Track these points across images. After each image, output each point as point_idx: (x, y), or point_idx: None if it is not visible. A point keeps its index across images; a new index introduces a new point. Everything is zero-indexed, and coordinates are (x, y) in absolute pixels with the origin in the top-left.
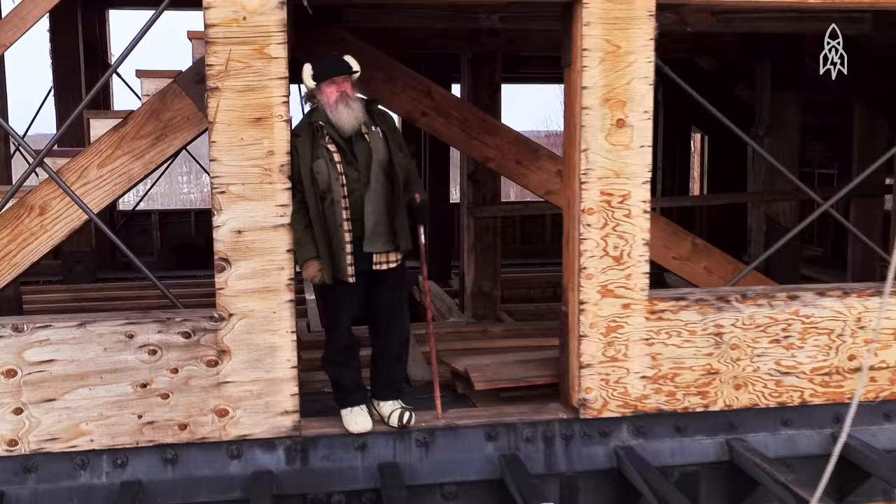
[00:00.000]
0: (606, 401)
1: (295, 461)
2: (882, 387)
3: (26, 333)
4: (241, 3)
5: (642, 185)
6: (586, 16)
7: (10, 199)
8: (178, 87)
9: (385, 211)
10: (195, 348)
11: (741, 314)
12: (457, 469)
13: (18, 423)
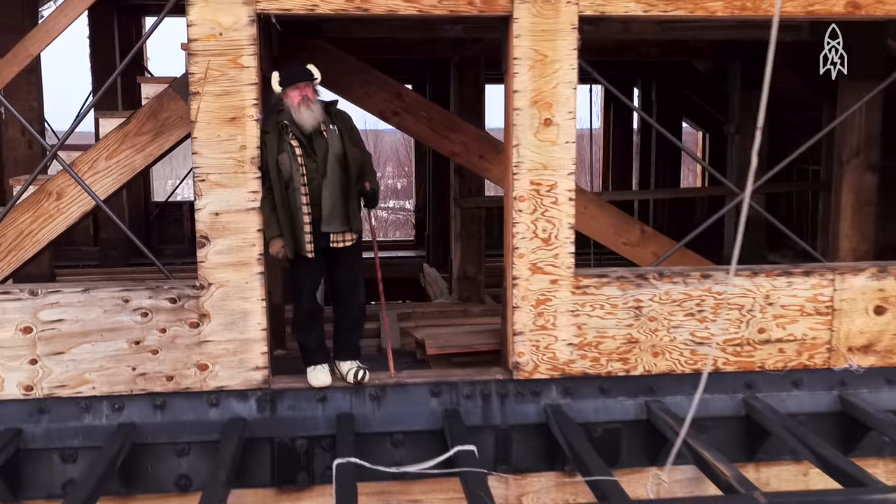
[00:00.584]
0: (537, 364)
1: (265, 410)
2: (790, 357)
3: (40, 297)
4: (217, 21)
5: (568, 176)
6: (517, 29)
7: (28, 187)
8: (173, 91)
9: (340, 197)
10: (180, 312)
11: (658, 290)
12: (404, 420)
13: (33, 372)
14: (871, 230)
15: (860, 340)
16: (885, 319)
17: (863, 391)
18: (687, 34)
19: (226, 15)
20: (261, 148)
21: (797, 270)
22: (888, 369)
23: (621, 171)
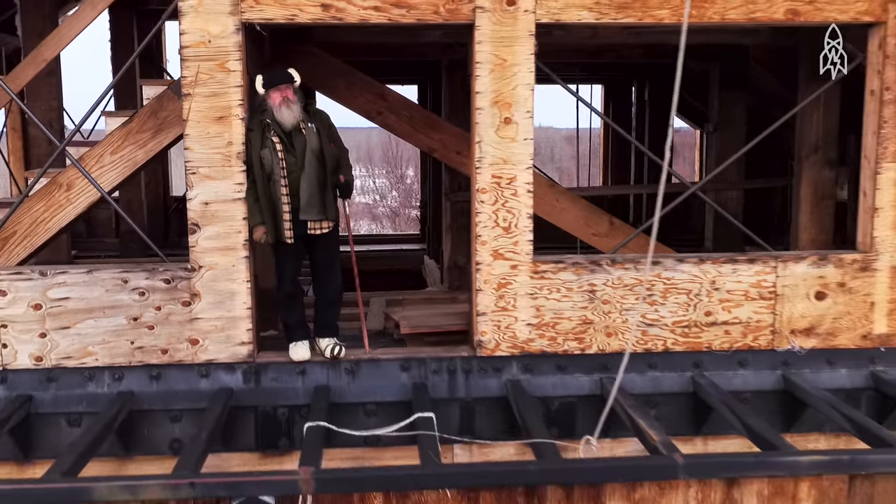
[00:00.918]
0: (499, 342)
1: (250, 381)
2: (735, 339)
3: (49, 277)
4: (206, 30)
5: (526, 170)
6: (478, 36)
7: (42, 180)
8: (171, 92)
9: (317, 188)
10: (174, 291)
11: (611, 275)
12: (376, 392)
13: (43, 345)
14: (830, 222)
15: (802, 324)
16: (826, 304)
17: (805, 371)
18: (654, 38)
19: (214, 24)
20: (246, 144)
21: (742, 258)
22: (829, 351)
23: (619, 166)
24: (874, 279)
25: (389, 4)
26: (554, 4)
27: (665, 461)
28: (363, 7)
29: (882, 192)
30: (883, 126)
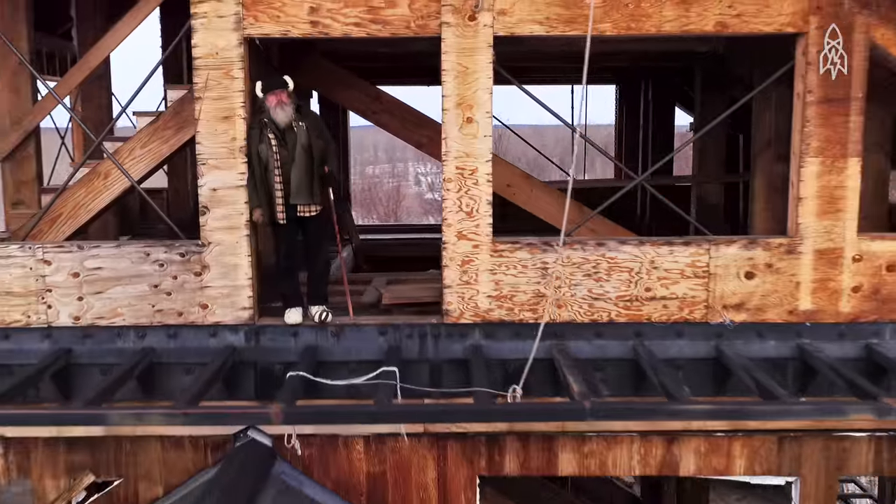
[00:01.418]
0: (463, 311)
1: (251, 341)
2: (673, 312)
3: (85, 250)
4: (214, 43)
5: (486, 163)
6: (444, 47)
7: (79, 169)
8: (191, 95)
9: (305, 177)
10: (188, 264)
11: (561, 254)
12: (357, 352)
13: (80, 307)
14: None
15: (733, 300)
16: (755, 283)
17: (738, 342)
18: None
19: (221, 39)
20: (247, 139)
21: (678, 241)
22: (759, 324)
23: (630, 161)
24: (799, 261)
25: (368, 21)
26: (509, 20)
27: (576, 405)
28: (345, 23)
29: (805, 183)
30: (806, 125)
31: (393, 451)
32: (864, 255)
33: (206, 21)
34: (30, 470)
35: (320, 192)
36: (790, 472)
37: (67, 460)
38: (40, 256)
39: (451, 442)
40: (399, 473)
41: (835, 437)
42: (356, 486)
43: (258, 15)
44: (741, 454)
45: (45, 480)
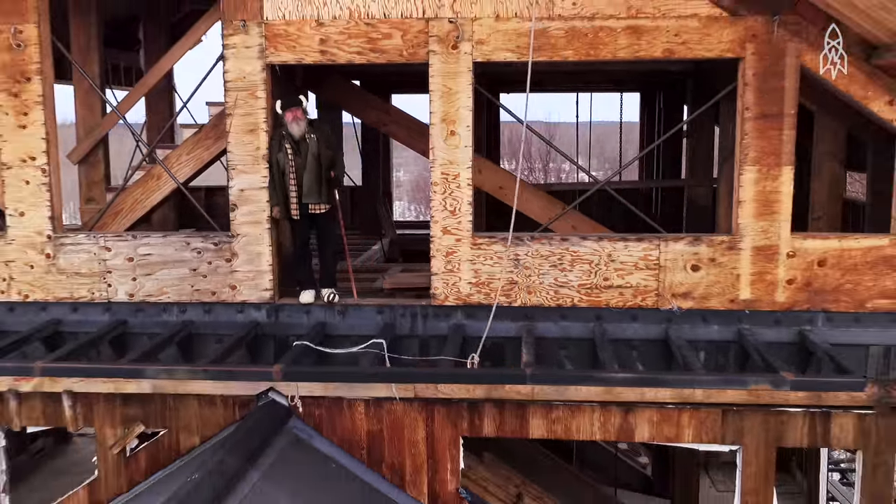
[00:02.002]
0: (447, 295)
1: (271, 317)
2: (628, 299)
3: (138, 239)
4: (242, 69)
5: (466, 169)
6: (432, 71)
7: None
8: (227, 111)
9: (315, 181)
10: (220, 251)
11: (531, 248)
12: (359, 328)
13: (134, 286)
14: None
15: (681, 289)
16: (700, 275)
17: (685, 327)
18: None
19: (247, 65)
20: (269, 149)
21: (632, 237)
22: (704, 311)
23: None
24: (739, 256)
25: (368, 50)
26: (486, 48)
27: (518, 372)
28: (349, 52)
29: (744, 188)
30: (745, 137)
31: (389, 412)
32: (798, 251)
33: (236, 51)
34: (93, 420)
35: (328, 193)
36: (733, 442)
37: (123, 413)
38: (102, 244)
39: (437, 406)
40: (394, 432)
41: (773, 411)
42: (358, 442)
43: (278, 45)
44: (689, 424)
45: (105, 429)
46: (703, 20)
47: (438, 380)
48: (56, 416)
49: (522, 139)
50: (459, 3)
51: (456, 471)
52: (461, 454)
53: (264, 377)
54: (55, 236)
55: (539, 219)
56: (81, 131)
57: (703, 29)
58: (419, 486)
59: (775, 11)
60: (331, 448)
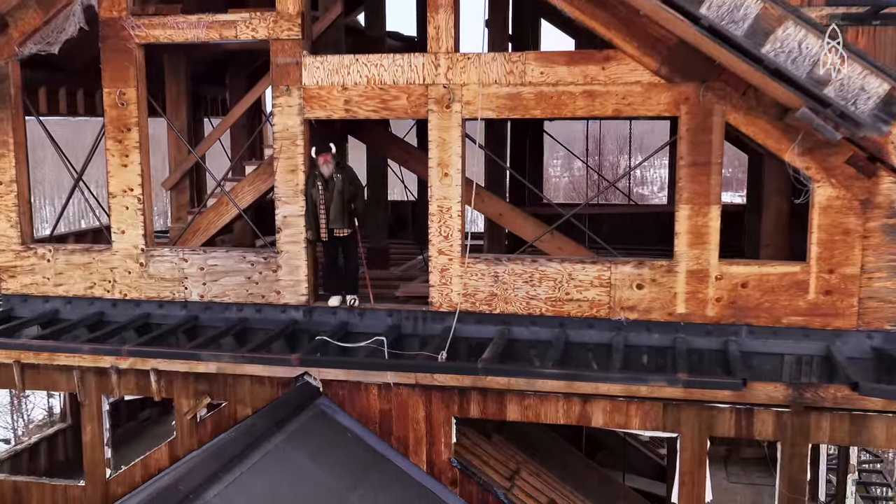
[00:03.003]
0: (442, 303)
1: (306, 316)
2: (585, 310)
3: (208, 253)
4: (286, 123)
5: (457, 203)
6: (430, 125)
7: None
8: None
9: (339, 211)
10: (268, 264)
11: (507, 267)
12: (373, 327)
13: (204, 289)
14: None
15: (629, 303)
16: (643, 292)
17: (632, 334)
18: None
19: (290, 120)
20: (305, 185)
21: (588, 261)
22: (647, 322)
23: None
24: (676, 278)
25: (381, 108)
26: (472, 108)
27: (473, 365)
28: (366, 110)
29: (680, 222)
30: (680, 181)
31: (396, 395)
32: (724, 275)
33: (281, 109)
34: (172, 392)
35: (350, 221)
36: (672, 430)
37: (195, 387)
38: (181, 256)
39: (434, 392)
40: (400, 411)
41: (706, 406)
42: (372, 418)
43: (313, 105)
44: (636, 414)
45: (181, 400)
46: (645, 86)
47: (410, 369)
48: (145, 388)
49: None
50: (451, 72)
51: (449, 444)
52: (454, 431)
53: (286, 362)
54: (147, 249)
55: (528, 238)
56: (172, 164)
57: (645, 93)
58: (420, 455)
59: (704, 79)
60: (350, 421)
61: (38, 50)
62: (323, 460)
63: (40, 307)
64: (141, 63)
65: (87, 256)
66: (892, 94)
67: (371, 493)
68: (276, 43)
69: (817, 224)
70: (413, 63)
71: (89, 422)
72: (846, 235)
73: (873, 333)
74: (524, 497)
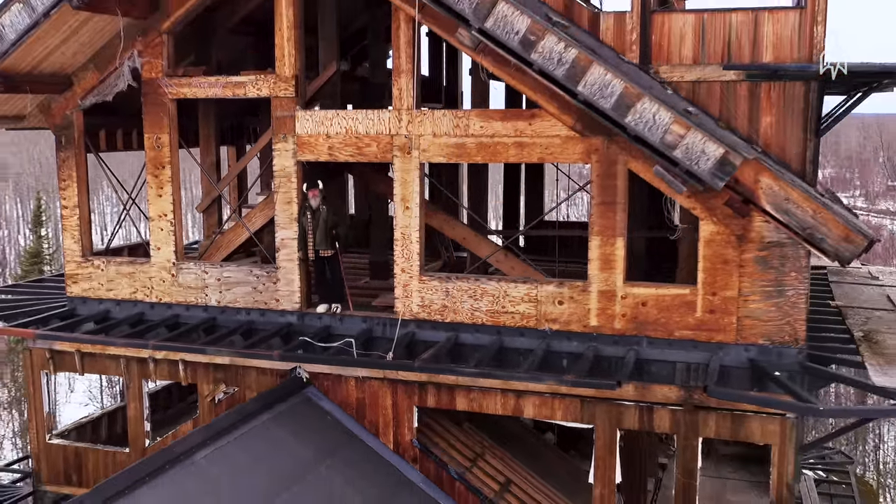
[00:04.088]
0: (405, 312)
1: (299, 320)
2: (518, 321)
3: (223, 267)
4: (283, 164)
5: (416, 231)
6: (394, 168)
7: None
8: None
9: (324, 236)
10: (270, 277)
11: (456, 284)
12: (350, 330)
13: (220, 296)
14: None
15: (552, 316)
16: (564, 307)
17: (555, 342)
18: None
19: (286, 161)
20: (298, 214)
21: (519, 280)
22: (567, 332)
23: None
24: (589, 296)
25: (356, 153)
26: (427, 154)
27: (409, 363)
28: (346, 154)
29: (592, 251)
30: (592, 216)
31: (369, 387)
32: (628, 294)
33: (279, 152)
34: (196, 378)
35: (332, 244)
36: (589, 422)
37: (213, 375)
38: (202, 269)
39: (399, 385)
40: (372, 399)
41: (615, 403)
42: (350, 404)
43: (304, 149)
44: (559, 408)
45: (203, 385)
46: (563, 139)
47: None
48: (175, 375)
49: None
50: (411, 125)
51: (411, 428)
52: (415, 417)
53: (269, 357)
54: (177, 263)
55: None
56: (204, 191)
57: (563, 144)
58: (388, 436)
59: (609, 134)
60: (332, 406)
61: (96, 100)
62: (302, 437)
63: (95, 307)
64: (173, 114)
65: (131, 267)
66: (725, 157)
67: (339, 464)
68: (276, 99)
69: (702, 254)
70: (381, 117)
71: (132, 401)
72: (726, 264)
73: (750, 347)
74: (482, 476)
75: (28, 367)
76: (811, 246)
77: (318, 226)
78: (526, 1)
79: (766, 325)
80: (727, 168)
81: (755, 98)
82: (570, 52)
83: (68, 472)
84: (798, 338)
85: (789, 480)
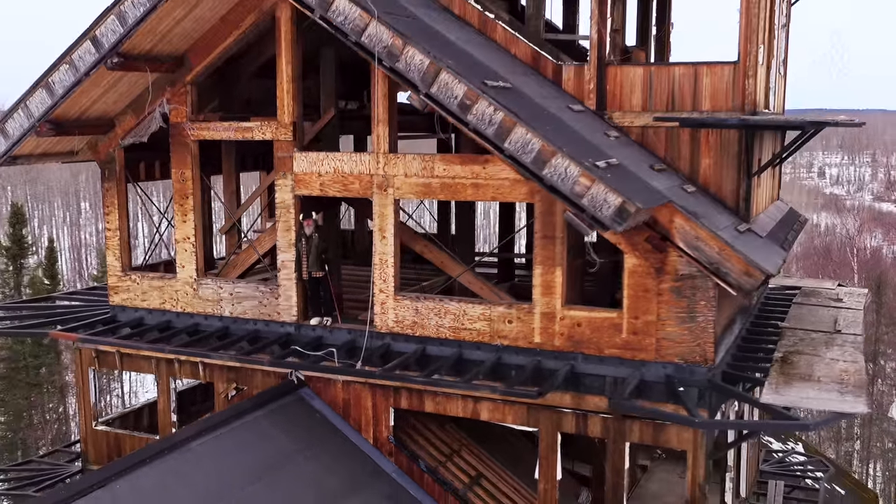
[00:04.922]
0: (381, 326)
1: (296, 331)
2: (475, 336)
3: (235, 283)
4: (283, 197)
5: (391, 256)
6: (374, 203)
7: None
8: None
9: (315, 260)
10: (272, 293)
11: (424, 303)
12: (338, 340)
13: (232, 308)
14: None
15: (504, 333)
16: (513, 325)
17: (506, 355)
18: None
19: (286, 195)
20: (295, 240)
21: (476, 302)
22: (516, 347)
23: None
24: (533, 317)
25: (343, 189)
26: (401, 191)
27: (365, 371)
28: (335, 190)
29: (535, 278)
30: (535, 248)
31: (353, 390)
32: (566, 316)
33: (280, 187)
34: (213, 377)
35: (322, 265)
36: (534, 426)
37: (227, 375)
38: (218, 284)
39: (378, 388)
40: (356, 400)
41: (556, 410)
42: (338, 404)
43: (300, 185)
44: (510, 412)
45: (218, 383)
46: (511, 181)
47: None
48: (196, 374)
49: None
50: (387, 167)
51: (388, 426)
52: (392, 416)
53: (260, 361)
54: (197, 279)
55: (461, 281)
56: (225, 214)
57: (512, 186)
58: (368, 432)
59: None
60: (322, 406)
61: (133, 140)
62: (289, 431)
63: (132, 315)
64: (195, 153)
65: (161, 282)
66: (623, 205)
67: (320, 454)
68: (277, 142)
69: (627, 283)
70: (362, 159)
71: (162, 395)
72: (646, 292)
73: (667, 364)
74: (455, 469)
75: (78, 364)
76: (717, 279)
77: (311, 250)
78: (472, 68)
79: (680, 346)
80: (624, 214)
81: (695, 142)
82: (497, 114)
83: (110, 454)
84: (707, 358)
85: (701, 482)
